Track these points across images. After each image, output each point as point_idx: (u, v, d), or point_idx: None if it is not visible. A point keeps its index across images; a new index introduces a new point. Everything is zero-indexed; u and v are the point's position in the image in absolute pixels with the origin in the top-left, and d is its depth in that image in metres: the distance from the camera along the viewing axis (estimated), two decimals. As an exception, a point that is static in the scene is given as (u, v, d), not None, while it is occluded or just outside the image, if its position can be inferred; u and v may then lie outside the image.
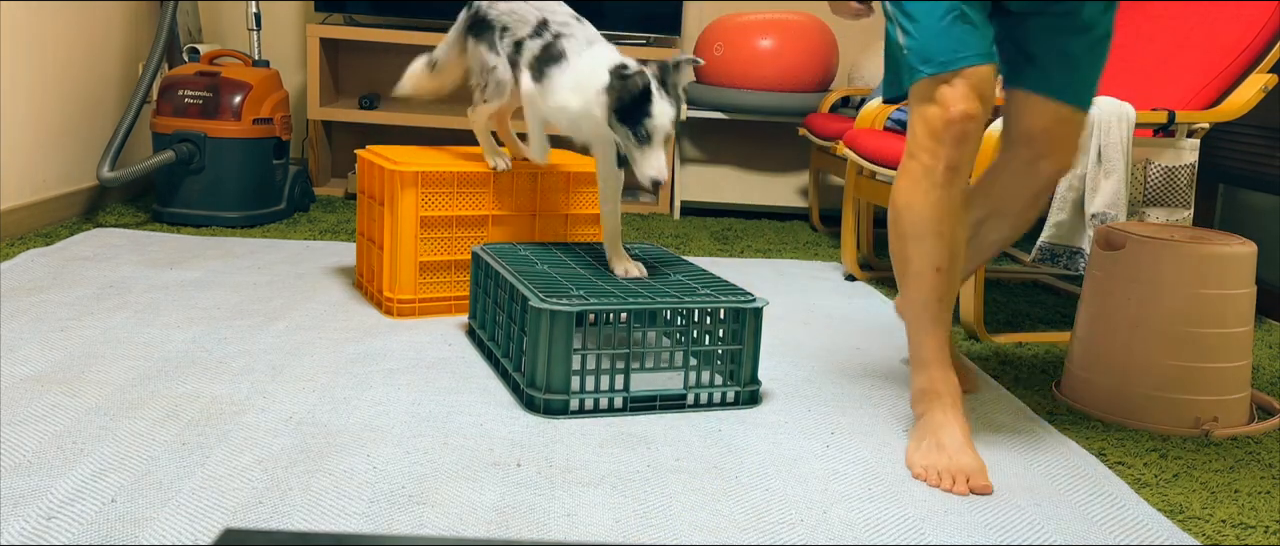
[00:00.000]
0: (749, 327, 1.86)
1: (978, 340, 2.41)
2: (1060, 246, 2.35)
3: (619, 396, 1.79)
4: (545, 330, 1.74)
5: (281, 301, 2.36)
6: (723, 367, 1.89)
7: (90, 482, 1.40)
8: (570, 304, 1.75)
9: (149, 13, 3.65)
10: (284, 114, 3.34)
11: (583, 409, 1.78)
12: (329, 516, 1.36)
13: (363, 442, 1.59)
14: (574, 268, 2.04)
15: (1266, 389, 2.18)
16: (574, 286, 1.87)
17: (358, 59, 4.18)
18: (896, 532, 1.41)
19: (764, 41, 3.73)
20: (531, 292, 1.80)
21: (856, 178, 2.95)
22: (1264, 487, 1.66)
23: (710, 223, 3.82)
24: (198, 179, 3.14)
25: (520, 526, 1.36)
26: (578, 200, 2.45)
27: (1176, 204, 2.40)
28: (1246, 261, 1.90)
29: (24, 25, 2.86)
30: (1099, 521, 1.49)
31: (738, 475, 1.56)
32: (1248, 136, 2.88)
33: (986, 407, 1.93)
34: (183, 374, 1.85)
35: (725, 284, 1.96)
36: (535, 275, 1.93)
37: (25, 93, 2.89)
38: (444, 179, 2.31)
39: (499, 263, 2.02)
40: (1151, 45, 2.75)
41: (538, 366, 1.76)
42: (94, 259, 2.64)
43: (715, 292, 1.89)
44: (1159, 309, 1.88)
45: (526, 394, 1.78)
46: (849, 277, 3.00)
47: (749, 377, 1.87)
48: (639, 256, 2.15)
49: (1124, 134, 2.30)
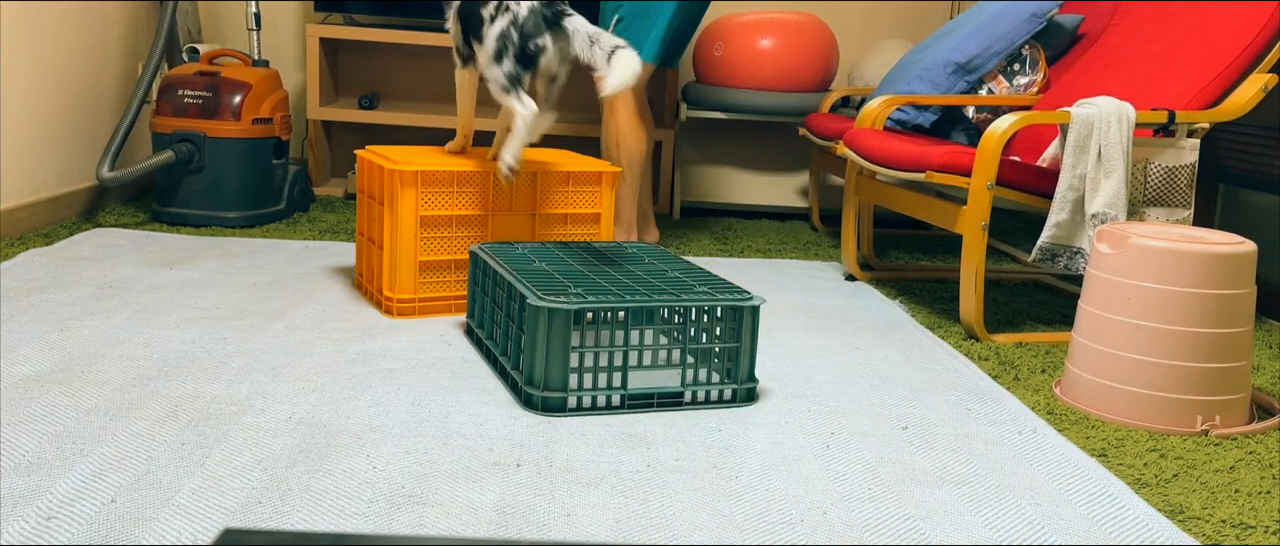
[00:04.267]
0: (746, 325, 1.87)
1: (978, 340, 2.41)
2: (1060, 246, 2.35)
3: (617, 394, 1.80)
4: (543, 328, 1.75)
5: (281, 301, 2.36)
6: (720, 366, 1.90)
7: (90, 482, 1.40)
8: (568, 302, 1.76)
9: (149, 12, 3.65)
10: (284, 114, 3.34)
11: (580, 406, 1.78)
12: (329, 516, 1.36)
13: (363, 442, 1.59)
14: (572, 265, 2.05)
15: (1266, 389, 2.18)
16: (572, 284, 1.88)
17: (358, 59, 4.18)
18: (896, 532, 1.41)
19: (764, 41, 3.73)
20: (529, 290, 1.81)
21: (856, 178, 2.95)
22: (1264, 487, 1.66)
23: (710, 222, 3.82)
24: (197, 179, 3.14)
25: (520, 526, 1.36)
26: (578, 200, 2.45)
27: (1176, 204, 2.40)
28: (1246, 261, 1.90)
29: (23, 25, 2.85)
30: (1099, 521, 1.49)
31: (738, 475, 1.56)
32: (1248, 136, 2.88)
33: (985, 407, 1.93)
34: (182, 374, 1.85)
35: (722, 282, 1.97)
36: (533, 273, 1.94)
37: (24, 92, 2.89)
38: (444, 178, 2.31)
39: (496, 261, 2.03)
40: (1151, 45, 2.75)
41: (536, 364, 1.77)
42: (94, 259, 2.64)
43: (712, 290, 1.90)
44: (1159, 309, 1.88)
45: (524, 391, 1.79)
46: (849, 277, 3.00)
47: (746, 375, 1.88)
48: (637, 255, 2.16)
49: (1124, 134, 2.30)
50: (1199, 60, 2.57)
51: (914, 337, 2.39)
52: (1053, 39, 3.19)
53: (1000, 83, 3.10)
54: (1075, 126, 2.30)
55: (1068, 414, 1.96)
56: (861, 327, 2.45)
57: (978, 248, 2.35)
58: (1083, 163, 2.30)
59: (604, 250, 2.22)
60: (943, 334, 2.45)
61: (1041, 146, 2.74)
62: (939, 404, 1.94)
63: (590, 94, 4.17)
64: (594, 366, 1.80)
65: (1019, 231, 3.97)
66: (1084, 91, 2.78)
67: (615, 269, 2.05)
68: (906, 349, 2.29)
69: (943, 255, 3.46)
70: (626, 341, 1.80)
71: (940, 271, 3.14)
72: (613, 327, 1.83)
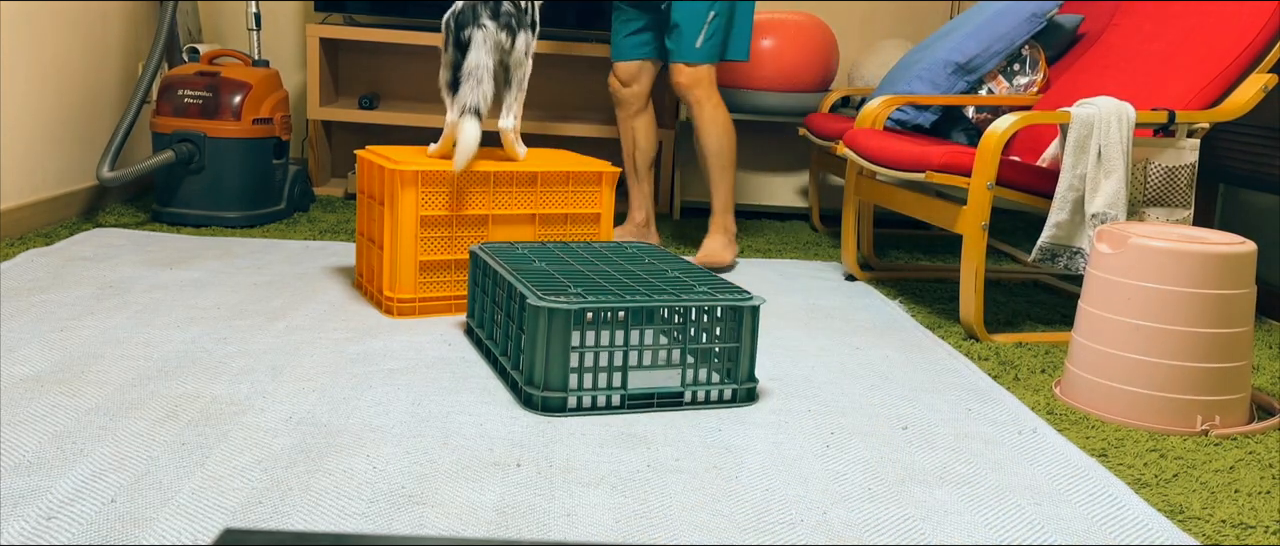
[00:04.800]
0: (747, 325, 1.87)
1: (977, 340, 2.41)
2: (1060, 246, 2.35)
3: (617, 394, 1.80)
4: (543, 328, 1.76)
5: (281, 301, 2.36)
6: (720, 366, 1.90)
7: (90, 482, 1.40)
8: (568, 302, 1.76)
9: (149, 12, 3.65)
10: (284, 114, 3.34)
11: (580, 406, 1.79)
12: (329, 516, 1.36)
13: (363, 442, 1.59)
14: (572, 264, 2.06)
15: (1266, 389, 2.18)
16: (572, 283, 1.88)
17: (358, 59, 4.18)
18: (896, 532, 1.41)
19: (764, 41, 3.73)
20: (529, 290, 1.81)
21: (856, 178, 2.95)
22: (1264, 487, 1.66)
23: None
24: (197, 179, 3.14)
25: (520, 526, 1.36)
26: (579, 200, 2.45)
27: (1176, 204, 2.40)
28: (1246, 261, 1.90)
29: (23, 25, 2.86)
30: (1099, 521, 1.49)
31: (738, 475, 1.56)
32: (1248, 136, 2.88)
33: (985, 407, 1.93)
34: (183, 374, 1.85)
35: (722, 282, 1.98)
36: (533, 273, 1.94)
37: (24, 92, 2.89)
38: (444, 178, 2.31)
39: (496, 261, 2.03)
40: (1151, 45, 2.75)
41: (536, 364, 1.77)
42: (94, 259, 2.64)
43: (713, 290, 1.90)
44: (1159, 309, 1.88)
45: (525, 391, 1.79)
46: (849, 277, 3.00)
47: (747, 375, 1.88)
48: (637, 255, 2.17)
49: (1124, 134, 2.30)
50: (1199, 60, 2.57)
51: (914, 337, 2.39)
52: (1053, 39, 3.19)
53: (1000, 83, 3.10)
54: (1075, 126, 2.30)
55: (1068, 414, 1.96)
56: (861, 327, 2.46)
57: (978, 248, 2.35)
58: (1083, 163, 2.30)
59: (604, 250, 2.22)
60: (943, 334, 2.46)
61: (1041, 146, 2.74)
62: (939, 404, 1.94)
63: (591, 94, 4.18)
64: (594, 366, 1.80)
65: (1019, 231, 3.97)
66: (1084, 91, 2.78)
67: (615, 269, 2.05)
68: (906, 349, 2.29)
69: (943, 255, 3.46)
70: (626, 341, 1.80)
71: (940, 271, 3.14)
72: (613, 327, 1.84)
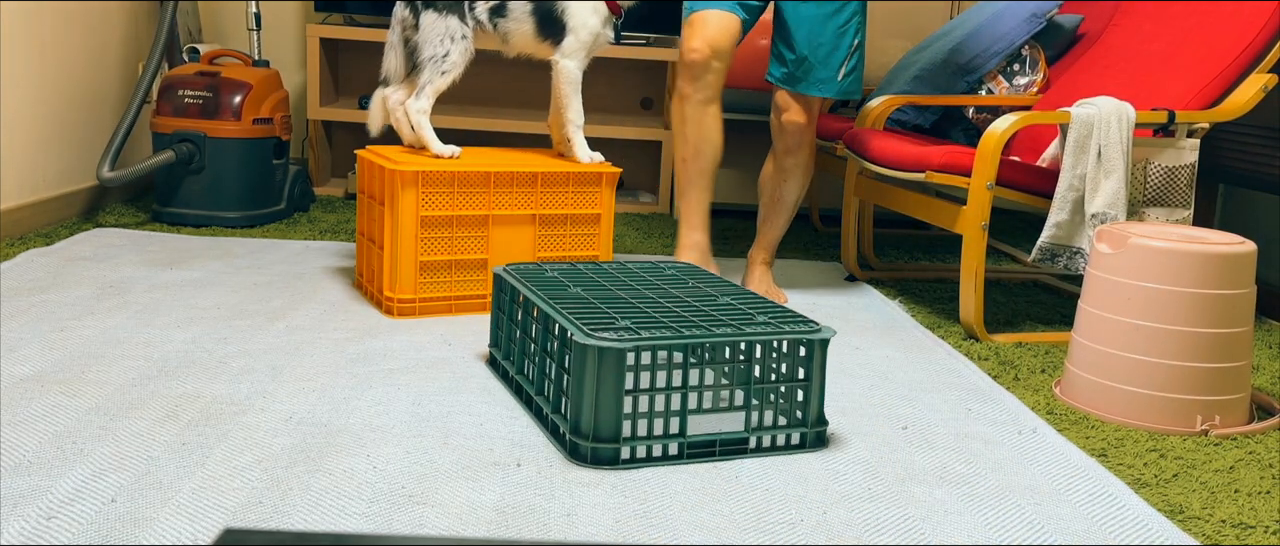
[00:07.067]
0: (816, 361, 1.65)
1: (977, 340, 2.41)
2: (1060, 246, 2.35)
3: (675, 442, 1.59)
4: (593, 369, 1.54)
5: (281, 301, 2.36)
6: (786, 406, 1.68)
7: (90, 482, 1.41)
8: (621, 340, 1.53)
9: (149, 13, 3.65)
10: (284, 114, 3.34)
11: (634, 458, 1.57)
12: (329, 516, 1.36)
13: (363, 442, 1.59)
14: (610, 289, 1.83)
15: (1266, 389, 2.18)
16: (617, 314, 1.66)
17: (358, 59, 4.18)
18: (896, 532, 1.41)
19: (764, 41, 3.72)
20: (573, 325, 1.58)
21: (856, 178, 2.95)
22: (1264, 487, 1.66)
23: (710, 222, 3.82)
24: (197, 179, 3.14)
25: (520, 526, 1.36)
26: (579, 200, 2.45)
27: (1176, 204, 2.40)
28: (1246, 261, 1.90)
29: (23, 25, 2.86)
30: (1099, 521, 1.49)
31: (738, 475, 1.56)
32: (1248, 136, 2.88)
33: (985, 407, 1.93)
34: (182, 374, 1.85)
35: (784, 310, 1.74)
36: (570, 301, 1.72)
37: (25, 92, 2.89)
38: (444, 178, 2.31)
39: (527, 287, 1.81)
40: (1151, 45, 2.75)
41: (584, 410, 1.55)
42: (94, 259, 2.64)
43: (775, 321, 1.67)
44: (1159, 309, 1.88)
45: (570, 441, 1.57)
46: (849, 277, 3.00)
47: (816, 417, 1.67)
48: (678, 276, 1.97)
49: (1124, 134, 2.30)
50: (1199, 60, 2.57)
51: (914, 337, 2.39)
52: (1053, 39, 3.19)
53: (1000, 83, 3.10)
54: (1075, 126, 2.30)
55: (1067, 414, 1.96)
56: (861, 327, 2.46)
57: (978, 248, 2.35)
58: (1083, 163, 2.30)
59: (641, 271, 2.01)
60: (942, 334, 2.46)
61: (1041, 146, 2.74)
62: (939, 403, 1.94)
63: (591, 95, 4.17)
64: (650, 411, 1.58)
65: (1019, 231, 3.97)
66: (1084, 91, 2.78)
67: (659, 294, 1.83)
68: (906, 348, 2.29)
69: (943, 255, 3.46)
70: (685, 382, 1.58)
71: (940, 271, 3.14)
72: (669, 368, 1.60)
